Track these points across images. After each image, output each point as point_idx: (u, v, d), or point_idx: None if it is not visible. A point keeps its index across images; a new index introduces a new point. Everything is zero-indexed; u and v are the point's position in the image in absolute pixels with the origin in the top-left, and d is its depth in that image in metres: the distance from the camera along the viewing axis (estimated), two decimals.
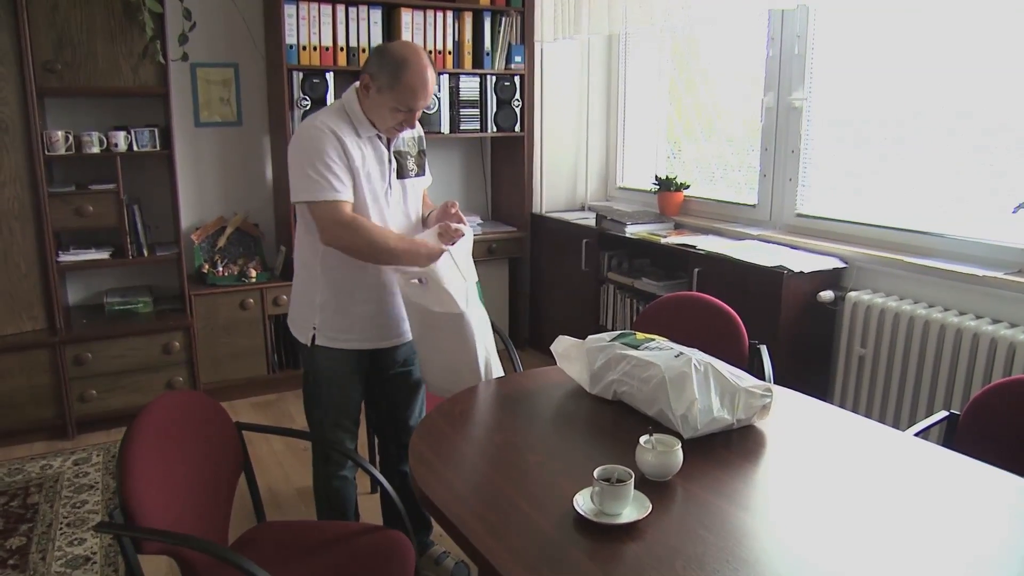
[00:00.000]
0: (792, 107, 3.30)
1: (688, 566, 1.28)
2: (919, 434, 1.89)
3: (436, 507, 1.49)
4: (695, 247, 3.30)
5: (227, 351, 3.74)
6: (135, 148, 3.42)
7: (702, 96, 4.00)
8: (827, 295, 2.95)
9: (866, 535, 1.38)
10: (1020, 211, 2.51)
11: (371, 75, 1.99)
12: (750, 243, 3.30)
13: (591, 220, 4.06)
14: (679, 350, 1.87)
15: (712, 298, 2.49)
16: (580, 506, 1.42)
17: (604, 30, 3.92)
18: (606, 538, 1.37)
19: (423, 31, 3.87)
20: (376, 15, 3.77)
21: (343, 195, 1.98)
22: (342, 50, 3.72)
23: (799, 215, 3.36)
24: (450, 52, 3.97)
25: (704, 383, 1.75)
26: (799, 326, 2.96)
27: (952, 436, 1.95)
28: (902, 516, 1.45)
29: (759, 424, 1.82)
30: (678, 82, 4.15)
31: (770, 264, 2.94)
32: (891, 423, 2.76)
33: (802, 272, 2.90)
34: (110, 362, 3.44)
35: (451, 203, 2.20)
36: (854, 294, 2.90)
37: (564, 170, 4.59)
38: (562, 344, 2.09)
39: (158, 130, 3.47)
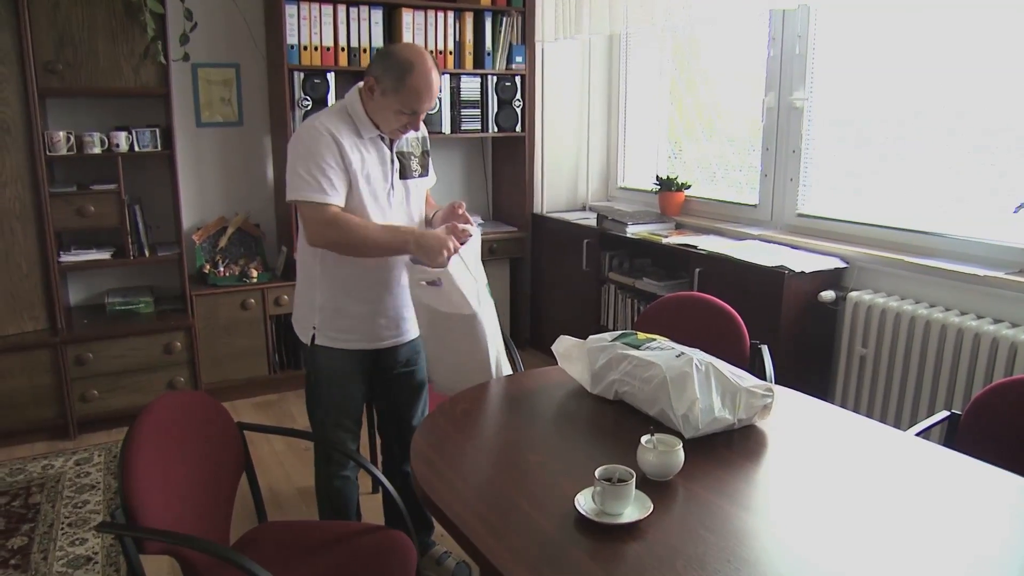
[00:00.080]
0: (793, 107, 3.30)
1: (689, 566, 1.28)
2: (920, 434, 1.89)
3: (437, 507, 1.50)
4: (696, 247, 3.30)
5: (228, 351, 3.74)
6: (136, 148, 3.42)
7: (703, 96, 4.00)
8: (828, 295, 2.95)
9: (867, 535, 1.38)
10: (1021, 211, 2.51)
11: (376, 77, 1.98)
12: (751, 243, 3.30)
13: (592, 220, 4.06)
14: (680, 350, 1.87)
15: (713, 298, 2.49)
16: (581, 506, 1.43)
17: (605, 30, 3.92)
18: (607, 538, 1.37)
19: (424, 31, 3.87)
20: (377, 15, 3.77)
21: (332, 198, 1.97)
22: (343, 50, 3.72)
23: (800, 215, 3.36)
24: (451, 52, 3.97)
25: (705, 383, 1.75)
26: (800, 326, 2.96)
27: (953, 436, 1.95)
28: (903, 516, 1.45)
29: (760, 424, 1.82)
30: (679, 82, 4.15)
31: (771, 264, 2.94)
32: (892, 423, 2.76)
33: (803, 272, 2.90)
34: (111, 362, 3.45)
35: (458, 203, 2.18)
36: (855, 294, 2.90)
37: (565, 170, 4.60)
38: (563, 344, 2.09)
39: (159, 130, 3.47)
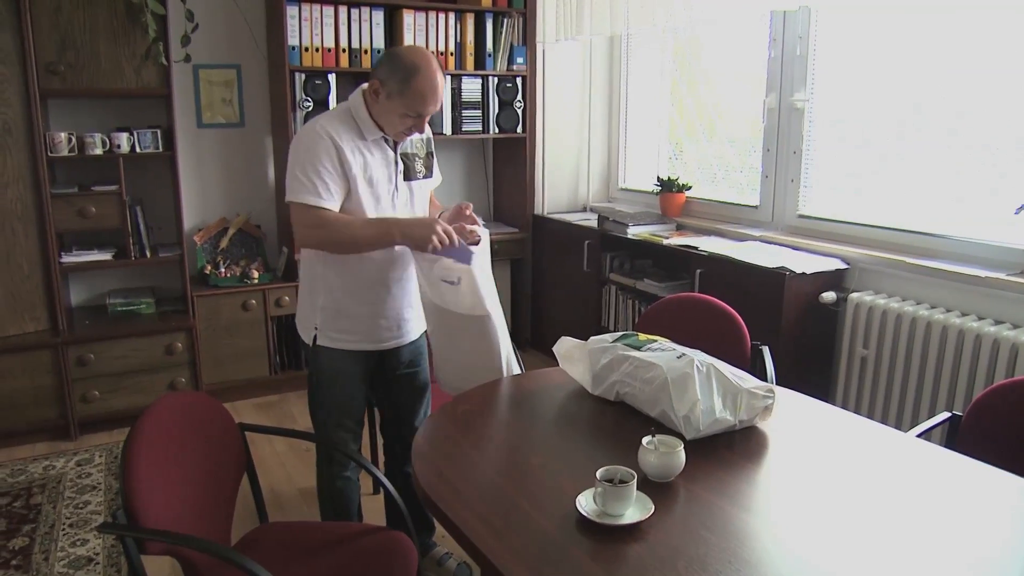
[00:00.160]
0: (794, 108, 3.30)
1: (690, 567, 1.28)
2: (921, 435, 1.89)
3: (438, 507, 1.50)
4: (697, 248, 3.30)
5: (229, 352, 3.74)
6: (138, 149, 3.42)
7: (704, 97, 4.00)
8: (829, 296, 2.95)
9: (868, 536, 1.38)
10: (1022, 212, 2.51)
11: (381, 80, 1.97)
12: (752, 244, 3.30)
13: (593, 221, 4.06)
14: (681, 351, 1.87)
15: (714, 299, 2.49)
16: (582, 507, 1.43)
17: (606, 31, 3.92)
18: (608, 539, 1.37)
19: (425, 32, 3.87)
20: (378, 16, 3.77)
21: (325, 202, 1.96)
22: (344, 51, 3.72)
23: (801, 216, 3.36)
24: (452, 53, 3.97)
25: (706, 384, 1.75)
26: (801, 327, 2.96)
27: (954, 437, 1.95)
28: (904, 517, 1.45)
29: (761, 425, 1.82)
30: (680, 83, 4.15)
31: (772, 265, 2.94)
32: (893, 424, 2.76)
33: (804, 273, 2.90)
34: (112, 363, 3.45)
35: (465, 204, 2.17)
36: (856, 295, 2.90)
37: (566, 171, 4.60)
38: (564, 345, 2.10)
39: (160, 131, 3.48)
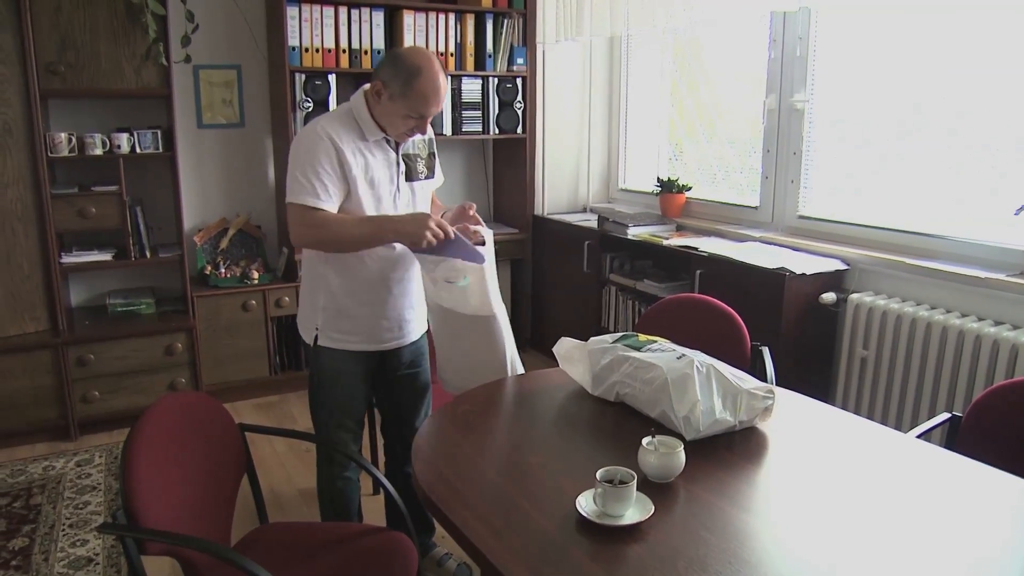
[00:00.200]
0: (794, 109, 3.30)
1: (690, 567, 1.28)
2: (921, 436, 1.89)
3: (438, 508, 1.50)
4: (697, 249, 3.31)
5: (229, 352, 3.74)
6: (138, 150, 3.42)
7: (704, 98, 4.00)
8: (829, 297, 2.95)
9: (868, 537, 1.38)
10: (1022, 213, 2.51)
11: (383, 82, 1.97)
12: (752, 245, 3.30)
13: (593, 222, 4.06)
14: (681, 352, 1.87)
15: (714, 300, 2.49)
16: (582, 507, 1.43)
17: (606, 32, 3.93)
18: (608, 539, 1.37)
19: (425, 33, 3.87)
20: (378, 17, 3.77)
21: (322, 203, 1.96)
22: (344, 52, 3.72)
23: (801, 217, 3.36)
24: (452, 54, 3.97)
25: (706, 385, 1.75)
26: (801, 328, 2.96)
27: (954, 438, 1.95)
28: (904, 518, 1.45)
29: (761, 426, 1.82)
30: (680, 84, 4.16)
31: (772, 266, 2.94)
32: (893, 425, 2.76)
33: (804, 274, 2.90)
34: (112, 363, 3.45)
35: (468, 205, 2.17)
36: (856, 296, 2.90)
37: (566, 172, 4.60)
38: (564, 346, 2.10)
39: (161, 132, 3.48)
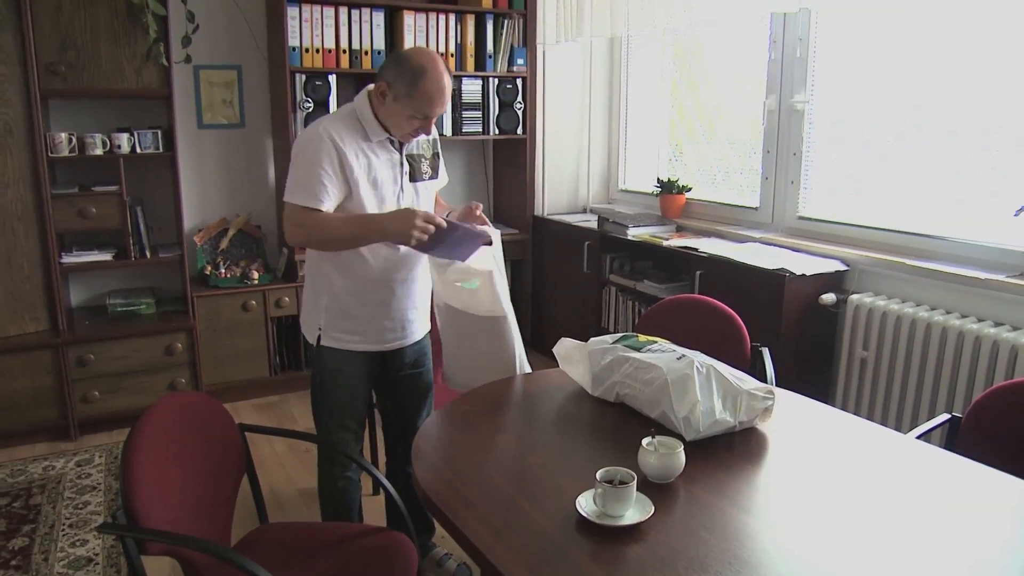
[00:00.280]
0: (794, 109, 3.31)
1: (690, 568, 1.28)
2: (921, 437, 1.89)
3: (438, 508, 1.50)
4: (697, 249, 3.31)
5: (229, 353, 3.74)
6: (138, 150, 3.43)
7: (704, 98, 4.00)
8: (829, 298, 2.95)
9: (868, 537, 1.38)
10: (1022, 214, 2.51)
11: (388, 83, 1.96)
12: (752, 246, 3.30)
13: (593, 222, 4.06)
14: (681, 352, 1.87)
15: (714, 300, 2.50)
16: (582, 508, 1.43)
17: (606, 32, 3.93)
18: (608, 540, 1.37)
19: (425, 34, 3.87)
20: (379, 17, 3.77)
21: (319, 204, 1.95)
22: (344, 52, 3.72)
23: (801, 218, 3.36)
24: (452, 55, 3.97)
25: (706, 385, 1.75)
26: (801, 329, 2.96)
27: (954, 439, 1.95)
28: (904, 518, 1.46)
29: (761, 426, 1.82)
30: (680, 84, 4.16)
31: (772, 267, 2.94)
32: (893, 426, 2.76)
33: (804, 275, 2.90)
34: (112, 363, 3.45)
35: (475, 205, 2.17)
36: (856, 297, 2.90)
37: (566, 172, 4.60)
38: (564, 346, 2.10)
39: (161, 132, 3.48)
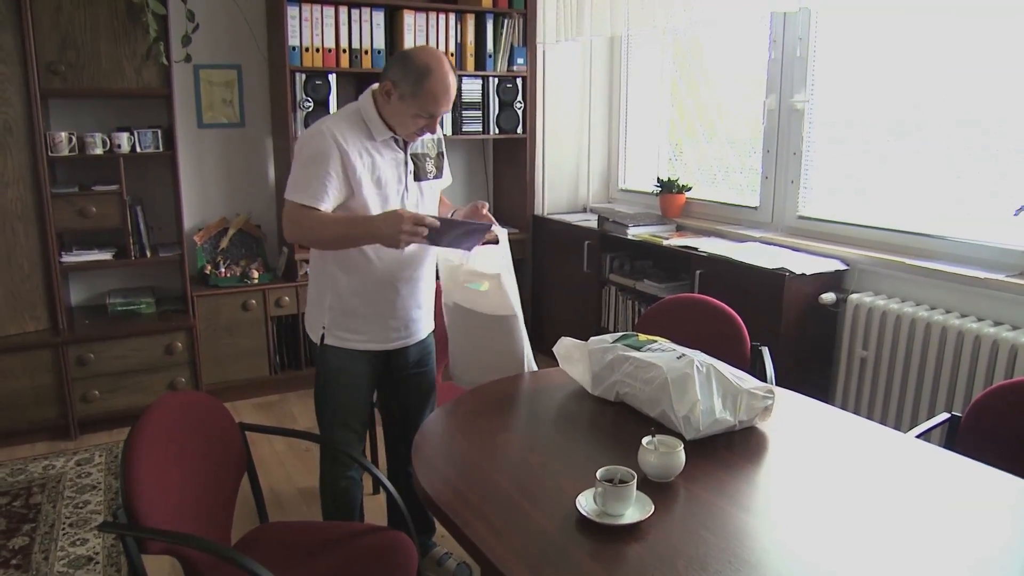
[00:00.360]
0: (794, 109, 3.31)
1: (690, 567, 1.28)
2: (920, 436, 1.89)
3: (438, 506, 1.50)
4: (697, 249, 3.31)
5: (229, 352, 3.74)
6: (138, 149, 3.43)
7: (704, 98, 4.01)
8: (829, 297, 2.95)
9: (868, 536, 1.38)
10: (1021, 213, 2.51)
11: (393, 82, 1.96)
12: (752, 245, 3.30)
13: (593, 222, 4.06)
14: (681, 351, 1.87)
15: (714, 300, 2.50)
16: (582, 507, 1.43)
17: (606, 32, 3.93)
18: (608, 539, 1.37)
19: (425, 33, 3.87)
20: (379, 17, 3.77)
21: (317, 203, 1.95)
22: (344, 52, 3.72)
23: (801, 217, 3.36)
24: (452, 54, 3.97)
25: (706, 384, 1.76)
26: (801, 328, 2.96)
27: (953, 438, 1.95)
28: (903, 518, 1.46)
29: (761, 425, 1.82)
30: (680, 84, 4.16)
31: (772, 266, 2.94)
32: (892, 425, 2.76)
33: (804, 274, 2.90)
34: (112, 362, 3.45)
35: (481, 203, 2.16)
36: (856, 296, 2.90)
37: (566, 172, 4.60)
38: (564, 345, 2.10)
39: (161, 131, 3.48)
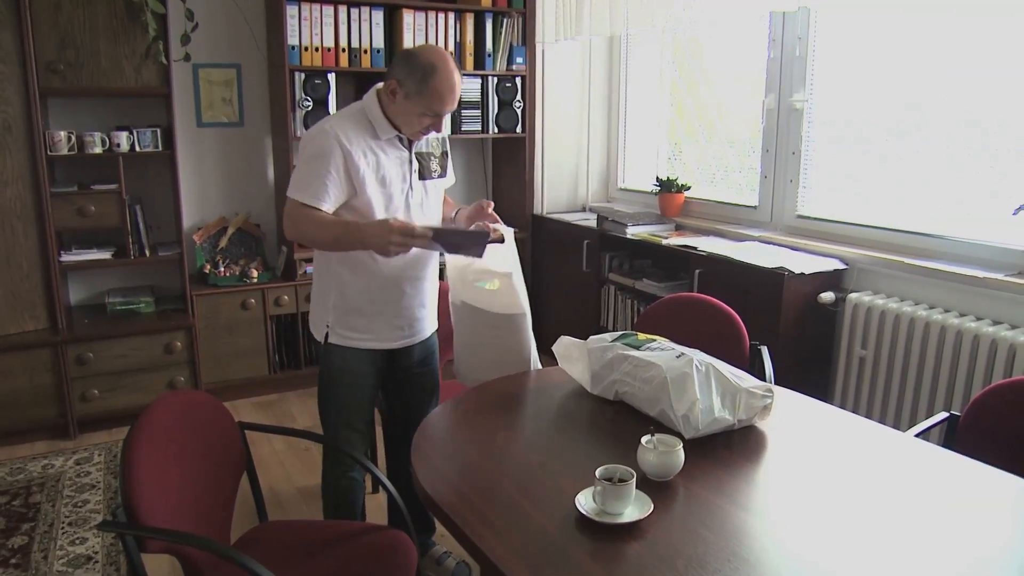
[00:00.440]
0: (793, 108, 3.31)
1: (689, 565, 1.28)
2: (919, 435, 1.89)
3: (438, 505, 1.50)
4: (696, 248, 3.31)
5: (228, 351, 3.74)
6: (137, 148, 3.42)
7: (703, 97, 4.01)
8: (828, 296, 2.95)
9: (867, 535, 1.38)
10: (1020, 213, 2.51)
11: (398, 81, 1.95)
12: (751, 244, 3.30)
13: (592, 221, 4.06)
14: (680, 351, 1.87)
15: (713, 299, 2.50)
16: (582, 505, 1.43)
17: (605, 31, 3.93)
18: (608, 537, 1.37)
19: (425, 32, 3.87)
20: (378, 16, 3.77)
21: (318, 202, 1.95)
22: (344, 51, 3.72)
23: (800, 216, 3.36)
24: (452, 53, 3.94)
25: (705, 383, 1.76)
26: (800, 327, 2.96)
27: (952, 437, 1.95)
28: (902, 517, 1.46)
29: (760, 424, 1.82)
30: (679, 83, 4.16)
31: (771, 265, 2.95)
32: (891, 424, 2.76)
33: (803, 273, 2.90)
34: (112, 362, 3.45)
35: (486, 202, 2.16)
36: (855, 295, 2.90)
37: (565, 171, 4.60)
38: (563, 345, 2.10)
39: (160, 130, 3.48)
